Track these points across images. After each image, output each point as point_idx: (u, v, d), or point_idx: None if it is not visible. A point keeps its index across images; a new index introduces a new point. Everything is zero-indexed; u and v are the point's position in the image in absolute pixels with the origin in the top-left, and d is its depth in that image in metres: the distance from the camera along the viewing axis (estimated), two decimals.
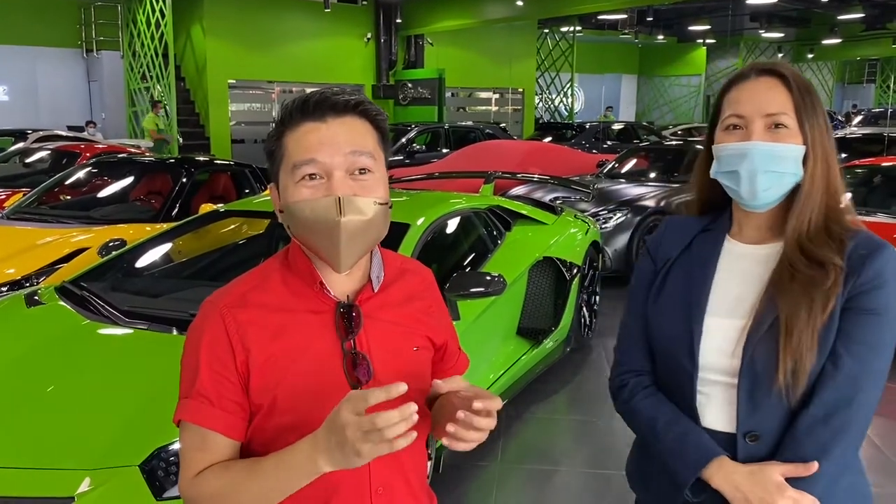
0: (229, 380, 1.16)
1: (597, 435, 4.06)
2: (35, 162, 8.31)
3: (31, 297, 3.30)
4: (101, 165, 6.75)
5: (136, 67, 14.86)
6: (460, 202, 4.29)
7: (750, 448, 1.34)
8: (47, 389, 2.57)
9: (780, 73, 1.35)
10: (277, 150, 1.20)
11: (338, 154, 1.15)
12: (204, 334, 1.18)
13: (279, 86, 17.64)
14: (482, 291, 3.25)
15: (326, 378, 1.18)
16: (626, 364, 1.51)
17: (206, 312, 1.21)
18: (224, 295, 1.22)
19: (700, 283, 1.41)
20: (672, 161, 8.86)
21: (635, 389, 1.47)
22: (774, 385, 1.30)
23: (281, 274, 1.24)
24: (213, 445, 1.16)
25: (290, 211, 1.17)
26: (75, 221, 5.46)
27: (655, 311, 1.45)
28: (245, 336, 1.17)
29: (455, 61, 19.17)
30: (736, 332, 1.35)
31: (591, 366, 5.06)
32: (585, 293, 5.19)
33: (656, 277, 1.48)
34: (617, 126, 17.42)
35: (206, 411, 1.15)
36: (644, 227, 7.02)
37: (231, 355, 1.16)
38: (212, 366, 1.16)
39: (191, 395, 1.16)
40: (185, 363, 1.20)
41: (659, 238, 1.53)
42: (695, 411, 1.39)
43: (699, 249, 1.45)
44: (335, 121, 1.17)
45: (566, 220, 5.21)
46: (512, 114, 22.02)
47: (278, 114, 1.23)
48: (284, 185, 1.18)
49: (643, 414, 1.44)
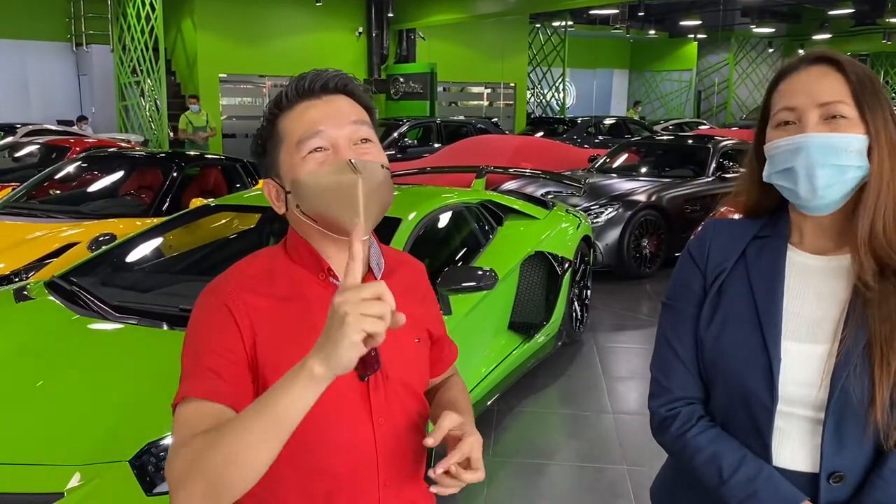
0: (235, 363, 1.12)
1: (588, 429, 4.08)
2: (24, 156, 8.24)
3: (20, 291, 3.28)
4: (91, 160, 6.71)
5: (127, 61, 14.75)
6: (452, 197, 4.29)
7: (834, 490, 1.20)
8: (37, 385, 2.56)
9: (834, 60, 1.21)
10: (273, 136, 1.20)
11: (343, 125, 1.18)
12: (208, 317, 1.16)
13: (270, 80, 17.56)
14: (474, 286, 3.25)
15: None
16: (676, 391, 1.30)
17: (211, 296, 1.18)
18: (229, 280, 1.20)
19: (770, 302, 1.23)
20: (663, 156, 8.88)
21: (690, 420, 1.28)
22: (869, 420, 1.15)
23: (283, 263, 1.23)
24: (217, 418, 1.05)
25: (301, 185, 1.16)
26: (65, 216, 5.43)
27: (713, 332, 1.27)
28: (253, 320, 1.15)
29: (447, 56, 19.14)
30: (819, 359, 1.20)
31: (583, 360, 5.07)
32: (577, 288, 5.20)
33: (707, 292, 1.30)
34: (608, 121, 17.45)
35: (215, 385, 1.10)
36: (635, 222, 7.04)
37: (239, 338, 1.13)
38: (218, 347, 1.13)
39: (195, 373, 1.11)
40: (188, 347, 1.16)
41: (705, 245, 1.33)
42: (768, 449, 1.23)
43: (758, 260, 1.27)
44: (329, 98, 1.20)
45: (557, 215, 5.22)
46: (504, 108, 22.00)
47: (269, 104, 1.23)
48: (289, 165, 1.18)
49: (704, 450, 1.25)
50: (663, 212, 7.29)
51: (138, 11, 14.08)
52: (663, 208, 7.30)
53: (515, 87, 21.87)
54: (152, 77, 14.20)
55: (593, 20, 23.01)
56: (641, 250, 7.20)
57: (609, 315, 6.14)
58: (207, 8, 15.71)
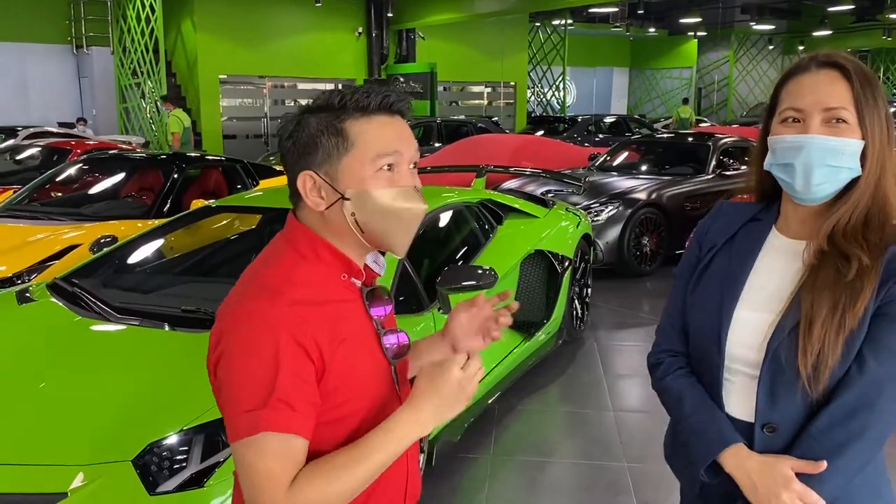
0: (307, 381, 1.14)
1: (588, 427, 4.09)
2: (26, 159, 8.26)
3: (23, 294, 3.30)
4: (92, 162, 6.73)
5: (127, 63, 14.78)
6: (452, 196, 4.30)
7: (767, 439, 1.37)
8: (39, 386, 2.58)
9: (842, 66, 1.31)
10: (339, 137, 1.20)
11: (412, 147, 1.26)
12: (274, 338, 1.13)
13: (270, 81, 17.58)
14: (473, 285, 3.26)
15: (376, 361, 1.27)
16: (664, 344, 1.55)
17: (266, 317, 1.15)
18: (274, 296, 1.17)
19: (737, 275, 1.43)
20: (663, 154, 8.88)
21: (669, 368, 1.51)
22: (797, 380, 1.31)
23: (306, 268, 1.23)
24: (298, 452, 1.13)
25: (369, 199, 1.20)
26: (66, 218, 5.44)
27: (692, 299, 1.49)
28: (313, 333, 1.16)
29: (447, 55, 19.14)
30: (765, 325, 1.37)
31: (584, 358, 5.08)
32: (577, 286, 5.21)
33: (699, 264, 1.50)
34: (609, 119, 17.45)
35: (291, 418, 1.12)
36: (636, 220, 7.05)
37: (307, 355, 1.14)
38: (291, 369, 1.12)
39: (268, 404, 1.11)
40: (245, 374, 1.13)
41: (707, 224, 1.54)
42: (720, 398, 1.42)
43: (743, 240, 1.46)
44: (397, 117, 1.26)
45: (557, 214, 5.23)
46: (504, 107, 22.02)
47: (333, 98, 1.22)
48: (358, 174, 1.20)
49: (673, 392, 1.49)
50: (663, 209, 7.30)
51: (138, 13, 14.11)
52: (663, 206, 7.30)
53: (516, 86, 21.88)
54: (153, 79, 14.23)
55: (593, 18, 23.01)
56: (642, 248, 7.21)
57: (610, 313, 6.15)
58: (207, 9, 15.73)
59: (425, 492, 3.19)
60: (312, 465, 1.14)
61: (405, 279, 3.35)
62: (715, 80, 27.87)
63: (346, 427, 1.21)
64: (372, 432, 1.17)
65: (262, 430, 1.10)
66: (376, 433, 1.17)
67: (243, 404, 1.12)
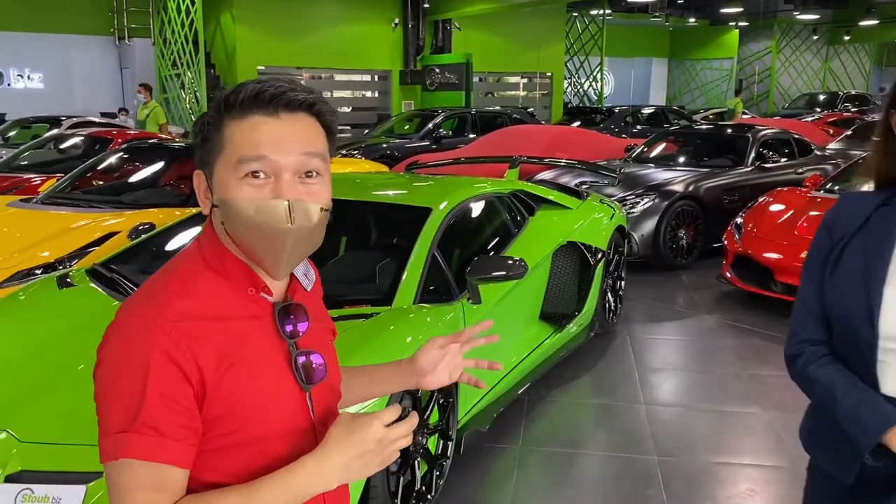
0: (182, 404, 1.01)
1: (619, 419, 4.06)
2: (69, 148, 8.44)
3: (63, 279, 3.38)
4: (133, 151, 6.86)
5: (167, 54, 15.01)
6: (483, 187, 4.30)
7: None
8: (78, 367, 2.64)
9: None
10: (215, 136, 1.08)
11: (290, 153, 1.07)
12: (145, 355, 1.00)
13: (308, 72, 17.70)
14: (503, 275, 3.26)
15: (281, 386, 1.11)
16: (802, 334, 1.56)
17: (142, 329, 1.02)
18: (158, 307, 1.04)
19: (880, 255, 1.46)
20: (702, 145, 8.76)
21: (812, 357, 1.52)
22: None
23: (207, 277, 1.10)
24: (170, 482, 1.01)
25: (229, 208, 1.07)
26: (107, 206, 5.55)
27: (832, 285, 1.50)
28: (196, 353, 1.03)
29: (483, 46, 19.06)
30: None
31: (616, 351, 5.05)
32: (610, 278, 5.18)
33: (832, 253, 1.53)
34: (647, 110, 17.24)
35: (159, 444, 1.00)
36: (672, 213, 6.96)
37: (183, 377, 1.01)
38: (160, 390, 1.00)
39: (133, 427, 0.99)
40: (113, 391, 1.02)
41: (835, 215, 1.57)
42: (875, 378, 1.43)
43: (878, 223, 1.49)
44: (289, 117, 1.08)
45: (591, 205, 5.19)
46: (540, 98, 21.86)
47: (219, 97, 1.10)
48: (223, 180, 1.07)
49: (821, 381, 1.49)
50: (700, 202, 7.20)
51: (178, 5, 14.31)
52: (700, 198, 7.20)
53: (552, 77, 21.71)
54: (192, 70, 14.43)
55: (631, 8, 22.67)
56: (678, 241, 7.12)
57: (644, 306, 6.09)
58: (246, 1, 15.89)
59: (453, 479, 3.23)
60: (194, 499, 1.03)
61: (434, 269, 3.36)
62: (755, 71, 27.33)
63: (243, 456, 1.07)
64: (269, 476, 1.04)
65: (123, 455, 0.99)
66: (273, 478, 1.04)
67: (112, 424, 1.01)
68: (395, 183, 4.84)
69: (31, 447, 2.34)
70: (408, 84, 18.35)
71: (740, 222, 6.23)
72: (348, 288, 3.26)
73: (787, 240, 5.72)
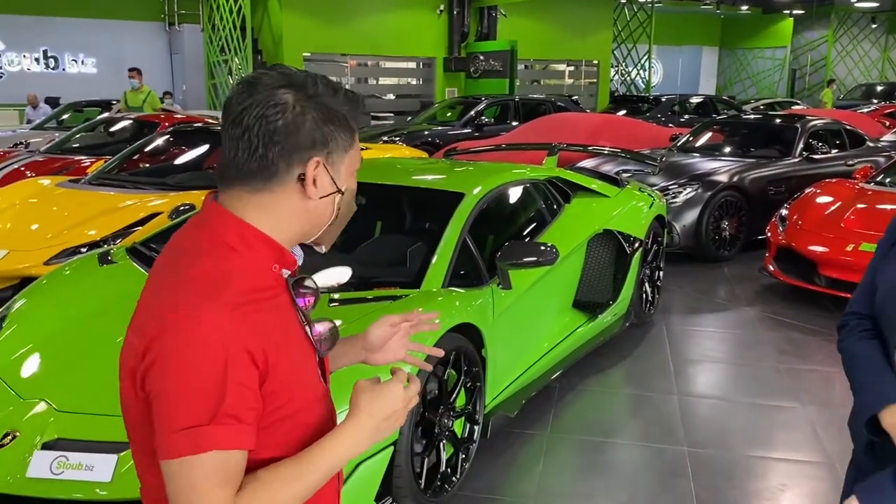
0: (251, 388, 1.06)
1: (650, 409, 4.02)
2: (118, 131, 8.65)
3: (105, 256, 3.49)
4: (178, 134, 7.00)
5: (216, 41, 15.24)
6: (518, 173, 4.28)
7: None
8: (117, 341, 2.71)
9: None
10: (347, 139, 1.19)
11: None
12: (220, 346, 1.04)
13: (353, 59, 17.78)
14: (533, 261, 3.25)
15: (306, 355, 1.19)
16: (853, 307, 1.64)
17: (208, 323, 1.04)
18: (212, 297, 1.06)
19: None
20: (748, 135, 8.57)
21: (852, 329, 1.60)
22: None
23: (237, 261, 1.13)
24: (239, 465, 1.07)
25: (350, 196, 1.25)
26: (151, 187, 5.69)
27: (883, 263, 1.57)
28: (258, 334, 1.08)
29: (529, 33, 18.89)
30: None
31: (652, 342, 4.99)
32: (648, 268, 5.11)
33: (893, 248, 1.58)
34: (695, 99, 16.91)
35: (240, 432, 1.05)
36: (715, 203, 6.83)
37: (252, 361, 1.06)
38: (237, 379, 1.04)
39: (215, 420, 1.03)
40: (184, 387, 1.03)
41: None
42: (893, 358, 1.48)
43: None
44: None
45: (630, 193, 5.12)
46: (586, 86, 21.62)
47: (354, 99, 1.19)
48: (350, 171, 1.22)
49: (849, 351, 1.57)
50: (745, 193, 7.05)
51: None
52: (745, 189, 7.05)
53: (599, 65, 21.44)
54: (240, 56, 14.63)
55: None
56: (721, 232, 6.99)
57: (683, 297, 6.01)
58: None
59: (479, 463, 3.24)
60: (255, 479, 1.08)
61: (465, 254, 3.36)
62: (809, 61, 26.57)
63: (284, 428, 1.14)
64: (312, 448, 1.13)
65: (207, 448, 1.02)
66: (316, 450, 1.12)
67: (181, 420, 1.02)
68: (430, 168, 4.85)
69: (67, 416, 2.43)
70: (452, 71, 18.29)
71: (785, 214, 6.09)
72: (379, 270, 3.28)
73: (832, 232, 5.57)
